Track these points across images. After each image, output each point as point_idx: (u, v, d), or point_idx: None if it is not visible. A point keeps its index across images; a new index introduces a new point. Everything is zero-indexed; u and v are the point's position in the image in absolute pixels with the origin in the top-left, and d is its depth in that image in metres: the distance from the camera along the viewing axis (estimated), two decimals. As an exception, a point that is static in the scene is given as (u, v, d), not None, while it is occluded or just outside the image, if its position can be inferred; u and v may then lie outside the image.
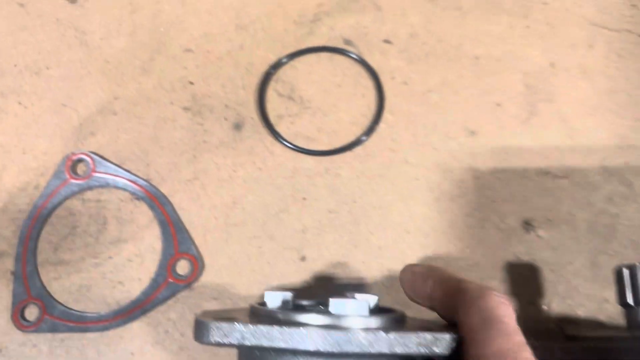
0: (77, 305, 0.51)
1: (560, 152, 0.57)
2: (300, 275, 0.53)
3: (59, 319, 0.50)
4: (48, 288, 0.51)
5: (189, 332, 0.50)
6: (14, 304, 0.50)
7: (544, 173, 0.56)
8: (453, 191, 0.55)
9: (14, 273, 0.51)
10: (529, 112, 0.58)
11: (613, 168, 0.57)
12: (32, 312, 0.50)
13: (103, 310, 0.51)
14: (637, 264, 0.44)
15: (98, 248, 0.52)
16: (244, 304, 0.51)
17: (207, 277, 0.52)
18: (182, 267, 0.52)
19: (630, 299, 0.44)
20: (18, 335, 0.50)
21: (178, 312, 0.51)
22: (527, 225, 0.55)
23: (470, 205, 0.55)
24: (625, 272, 0.44)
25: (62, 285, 0.51)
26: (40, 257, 0.52)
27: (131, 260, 0.52)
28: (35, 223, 0.52)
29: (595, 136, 0.57)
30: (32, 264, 0.51)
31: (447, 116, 0.57)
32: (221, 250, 0.53)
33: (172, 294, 0.51)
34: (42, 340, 0.50)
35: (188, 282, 0.51)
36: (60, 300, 0.51)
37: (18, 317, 0.50)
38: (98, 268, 0.52)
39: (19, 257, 0.52)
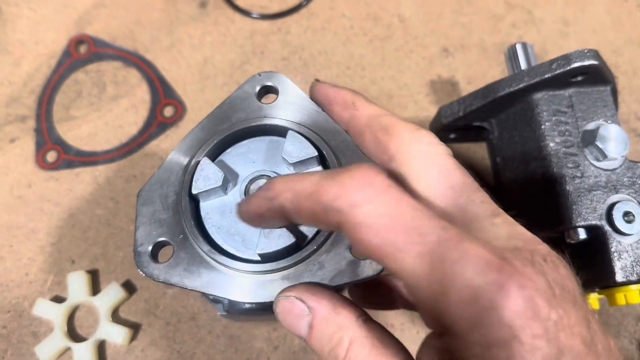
0: (88, 147, 0.64)
1: (468, -7, 0.69)
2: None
3: (74, 157, 0.63)
4: (64, 138, 0.64)
5: (178, 156, 0.63)
6: (37, 151, 0.63)
7: (457, 12, 0.68)
8: (383, 33, 0.68)
9: (35, 129, 0.64)
10: (441, -32, 0.70)
11: (515, 2, 0.68)
12: (52, 155, 0.63)
13: (109, 147, 0.63)
14: (517, 43, 0.55)
15: (100, 105, 0.65)
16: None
17: (189, 117, 0.64)
18: (168, 110, 0.64)
19: (510, 70, 0.55)
20: (42, 174, 0.63)
21: (168, 144, 0.63)
22: (446, 51, 0.67)
23: (398, 42, 0.67)
24: (506, 51, 0.55)
25: (75, 135, 0.64)
26: (56, 117, 0.65)
27: (127, 110, 0.65)
28: (50, 91, 0.65)
29: (497, -20, 0.69)
30: (49, 121, 0.64)
31: (373, -22, 0.70)
32: (199, 97, 0.65)
33: (162, 131, 0.63)
34: (62, 176, 0.62)
35: (173, 120, 0.64)
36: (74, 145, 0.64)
37: (41, 160, 0.63)
38: (102, 119, 0.65)
39: (38, 118, 0.65)
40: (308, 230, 0.35)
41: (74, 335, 0.56)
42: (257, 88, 0.37)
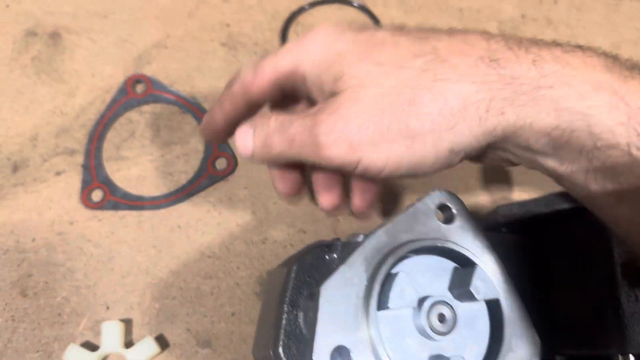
0: (135, 191, 0.63)
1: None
2: (314, 172, 0.65)
3: (120, 200, 0.62)
4: (111, 178, 0.63)
5: (226, 212, 0.62)
6: (82, 188, 0.63)
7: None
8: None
9: (83, 165, 0.64)
10: (503, 52, 0.71)
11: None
12: (97, 195, 0.62)
13: (156, 193, 0.63)
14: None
15: (152, 148, 0.65)
16: (267, 192, 0.63)
17: (239, 172, 0.64)
18: (220, 163, 0.64)
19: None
20: (86, 212, 0.62)
21: (216, 197, 0.63)
22: (500, 138, 0.67)
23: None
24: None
25: (123, 176, 0.64)
26: (105, 155, 0.64)
27: (179, 157, 0.65)
28: (102, 128, 0.65)
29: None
30: (98, 158, 0.64)
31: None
32: (251, 153, 0.65)
33: (212, 184, 0.63)
34: (106, 217, 0.62)
35: (224, 174, 0.63)
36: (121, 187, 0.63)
37: (86, 198, 0.62)
38: (152, 163, 0.64)
39: (87, 153, 0.64)
40: None
41: (101, 385, 0.56)
42: (437, 204, 0.38)
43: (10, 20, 0.70)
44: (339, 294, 0.35)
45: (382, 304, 0.36)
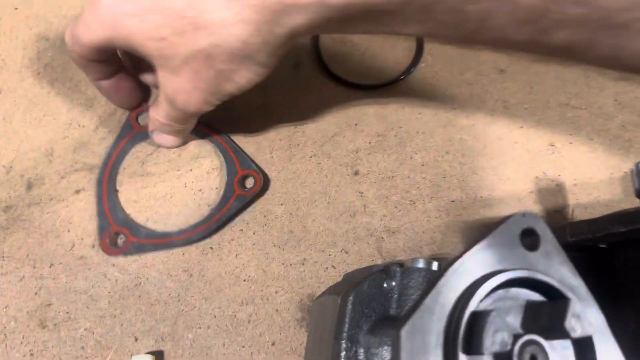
0: (163, 209, 0.58)
1: (578, 87, 0.65)
2: (353, 186, 0.60)
3: (144, 240, 0.56)
4: (137, 197, 0.58)
5: (261, 231, 0.57)
6: (100, 235, 0.56)
7: (565, 104, 0.64)
8: (486, 118, 0.63)
9: (97, 211, 0.57)
10: (549, 55, 0.66)
11: (625, 101, 0.65)
12: (119, 239, 0.57)
13: (184, 218, 0.57)
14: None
15: (180, 163, 0.60)
16: (305, 208, 0.59)
17: (275, 187, 0.59)
18: (249, 181, 0.59)
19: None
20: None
21: (250, 214, 0.58)
22: (552, 146, 0.62)
23: (502, 130, 0.63)
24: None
25: (149, 193, 0.59)
26: (129, 170, 0.59)
27: (209, 172, 0.60)
28: (111, 169, 0.59)
29: (608, 75, 0.66)
30: (112, 200, 0.57)
31: (479, 58, 0.66)
32: (286, 166, 0.60)
33: (242, 205, 0.57)
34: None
35: (254, 192, 0.58)
36: (147, 206, 0.58)
37: (106, 245, 0.55)
38: (180, 179, 0.59)
39: (99, 198, 0.57)
40: None
41: None
42: (521, 229, 0.35)
43: (20, 24, 0.65)
44: (421, 337, 0.32)
45: (469, 346, 0.32)
